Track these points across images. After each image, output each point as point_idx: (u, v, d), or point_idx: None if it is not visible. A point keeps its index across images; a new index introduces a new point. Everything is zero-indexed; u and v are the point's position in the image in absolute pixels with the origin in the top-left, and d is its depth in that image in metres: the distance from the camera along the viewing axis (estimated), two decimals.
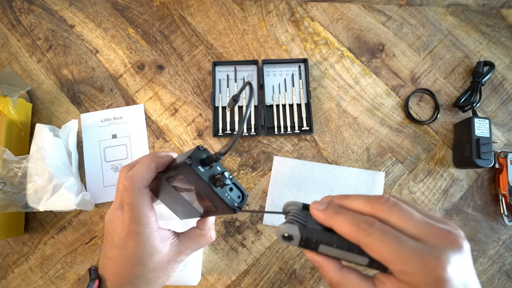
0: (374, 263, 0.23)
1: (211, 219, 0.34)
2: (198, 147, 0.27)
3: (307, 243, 0.25)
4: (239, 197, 0.29)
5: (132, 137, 0.55)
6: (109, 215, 0.31)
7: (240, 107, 0.55)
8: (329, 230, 0.24)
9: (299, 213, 0.26)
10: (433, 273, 0.20)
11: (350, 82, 0.57)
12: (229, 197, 0.28)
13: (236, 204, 0.28)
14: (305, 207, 0.27)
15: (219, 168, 0.28)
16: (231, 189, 0.28)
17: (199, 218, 0.34)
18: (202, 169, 0.27)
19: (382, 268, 0.23)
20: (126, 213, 0.29)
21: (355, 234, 0.22)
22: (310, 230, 0.25)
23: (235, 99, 0.30)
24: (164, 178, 0.31)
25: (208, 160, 0.27)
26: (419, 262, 0.20)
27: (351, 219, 0.23)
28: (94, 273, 0.31)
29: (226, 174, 0.27)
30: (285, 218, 0.27)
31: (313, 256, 0.25)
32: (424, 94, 0.56)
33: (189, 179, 0.28)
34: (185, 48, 0.58)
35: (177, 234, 0.33)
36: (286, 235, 0.25)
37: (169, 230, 0.33)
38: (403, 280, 0.21)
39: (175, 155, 0.32)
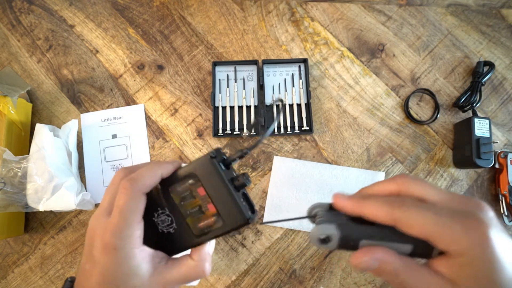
0: (418, 249, 0.22)
1: (208, 248, 0.28)
2: (218, 149, 0.26)
3: (347, 241, 0.23)
4: (250, 210, 0.27)
5: (132, 137, 0.55)
6: (92, 220, 0.27)
7: (240, 107, 0.55)
8: (362, 223, 0.23)
9: (327, 214, 0.25)
10: (478, 234, 0.20)
11: (350, 82, 0.57)
12: (244, 204, 0.26)
13: (249, 214, 0.26)
14: (331, 207, 0.25)
15: (234, 174, 0.27)
16: (243, 199, 0.26)
17: (191, 247, 0.29)
18: (222, 168, 0.25)
19: (426, 254, 0.23)
20: (112, 218, 0.25)
21: (390, 213, 0.21)
22: (348, 226, 0.23)
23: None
24: (161, 190, 0.28)
25: (229, 160, 0.26)
26: (461, 226, 0.20)
27: (382, 200, 0.22)
28: (66, 284, 0.28)
29: (247, 174, 0.26)
30: (314, 222, 0.25)
31: (372, 251, 0.22)
32: (424, 94, 0.56)
33: (204, 179, 0.26)
34: (185, 48, 0.58)
35: (165, 258, 0.28)
36: (322, 237, 0.23)
37: (156, 251, 0.27)
38: (451, 253, 0.20)
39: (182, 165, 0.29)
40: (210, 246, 0.29)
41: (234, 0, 0.60)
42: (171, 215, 0.28)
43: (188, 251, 0.29)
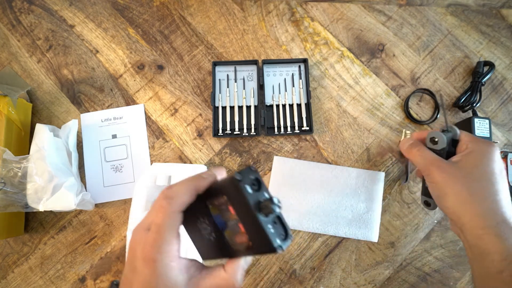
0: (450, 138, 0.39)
1: (242, 262, 0.29)
2: (250, 167, 0.25)
3: (447, 141, 0.38)
4: (282, 235, 0.25)
5: (132, 137, 0.55)
6: (134, 233, 0.29)
7: (240, 107, 0.55)
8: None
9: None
10: (488, 145, 0.36)
11: (350, 82, 0.57)
12: (272, 230, 0.24)
13: (278, 241, 0.24)
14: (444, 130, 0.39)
15: (266, 195, 0.25)
16: (275, 222, 0.25)
17: (228, 258, 0.29)
18: (250, 190, 0.24)
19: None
20: (151, 234, 0.27)
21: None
22: (445, 131, 0.39)
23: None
24: (199, 202, 0.28)
25: (258, 182, 0.25)
26: (480, 139, 0.38)
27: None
28: None
29: (275, 200, 0.24)
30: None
31: (409, 141, 0.42)
32: (424, 94, 0.56)
33: (232, 200, 0.26)
34: (185, 48, 0.58)
35: (200, 267, 0.29)
36: (435, 138, 0.39)
37: (192, 260, 0.29)
38: (466, 149, 0.37)
39: (220, 176, 0.29)
40: (245, 260, 0.29)
41: (234, 0, 0.60)
42: (210, 226, 0.29)
43: (224, 260, 0.29)
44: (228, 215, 0.27)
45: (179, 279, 0.27)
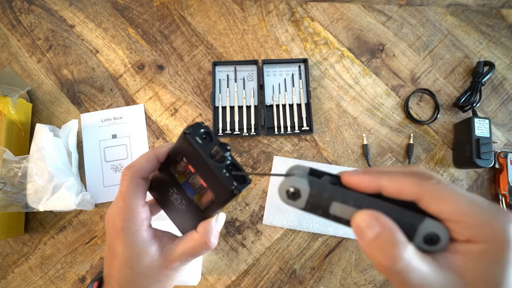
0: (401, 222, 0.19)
1: (213, 221, 0.29)
2: (198, 123, 0.26)
3: (317, 201, 0.20)
4: (239, 178, 0.25)
5: (132, 137, 0.55)
6: (107, 212, 0.29)
7: (240, 107, 0.55)
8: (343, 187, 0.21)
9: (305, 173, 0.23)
10: (503, 221, 0.18)
11: (350, 82, 0.57)
12: (227, 174, 0.24)
13: (235, 184, 0.24)
14: (313, 172, 0.23)
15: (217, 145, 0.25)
16: (231, 169, 0.25)
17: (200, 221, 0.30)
18: (200, 141, 0.25)
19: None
20: (117, 203, 0.27)
21: (419, 184, 0.19)
22: (322, 183, 0.20)
23: None
24: (165, 174, 0.29)
25: (209, 134, 0.25)
26: (497, 212, 0.18)
27: (407, 171, 0.20)
28: (98, 275, 0.30)
29: (225, 145, 0.24)
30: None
31: (376, 212, 0.19)
32: (424, 94, 0.56)
33: (188, 156, 0.26)
34: (185, 48, 0.58)
35: (173, 237, 0.29)
36: (291, 190, 0.21)
37: (164, 231, 0.29)
38: (473, 238, 0.18)
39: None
40: (218, 220, 0.29)
41: (234, 0, 0.60)
42: (179, 193, 0.29)
43: None
44: (193, 178, 0.28)
45: (151, 247, 0.27)
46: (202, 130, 0.26)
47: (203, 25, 0.59)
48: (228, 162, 0.25)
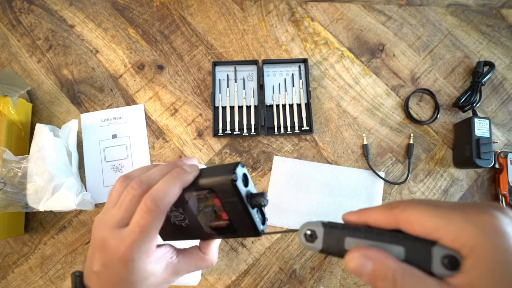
0: (414, 254, 0.20)
1: (217, 242, 0.31)
2: (239, 163, 0.26)
3: (332, 240, 0.23)
4: (261, 219, 0.28)
5: (132, 137, 0.55)
6: (103, 229, 0.27)
7: (240, 107, 0.55)
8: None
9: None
10: (485, 224, 0.17)
11: (350, 82, 0.57)
12: (257, 219, 0.27)
13: (262, 227, 0.27)
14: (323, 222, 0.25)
15: (253, 189, 0.27)
16: (257, 211, 0.27)
17: (203, 239, 0.31)
18: (243, 187, 0.26)
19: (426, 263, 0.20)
20: (131, 234, 0.25)
21: (390, 213, 0.21)
22: (333, 224, 0.24)
23: None
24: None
25: (246, 177, 0.26)
26: (467, 215, 0.18)
27: (383, 205, 0.23)
28: (80, 284, 0.28)
29: (265, 195, 0.26)
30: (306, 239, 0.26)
31: (365, 249, 0.21)
32: (424, 94, 0.56)
33: (221, 194, 0.26)
34: (185, 48, 0.58)
35: (176, 252, 0.30)
36: (308, 232, 0.23)
37: (166, 245, 0.29)
38: (460, 249, 0.18)
39: (199, 166, 0.29)
40: (218, 240, 0.31)
41: (234, 0, 0.60)
42: (184, 213, 0.29)
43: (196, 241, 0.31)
44: (206, 202, 0.28)
45: (156, 268, 0.27)
46: (241, 173, 0.26)
47: (203, 25, 0.59)
48: (266, 204, 0.27)
